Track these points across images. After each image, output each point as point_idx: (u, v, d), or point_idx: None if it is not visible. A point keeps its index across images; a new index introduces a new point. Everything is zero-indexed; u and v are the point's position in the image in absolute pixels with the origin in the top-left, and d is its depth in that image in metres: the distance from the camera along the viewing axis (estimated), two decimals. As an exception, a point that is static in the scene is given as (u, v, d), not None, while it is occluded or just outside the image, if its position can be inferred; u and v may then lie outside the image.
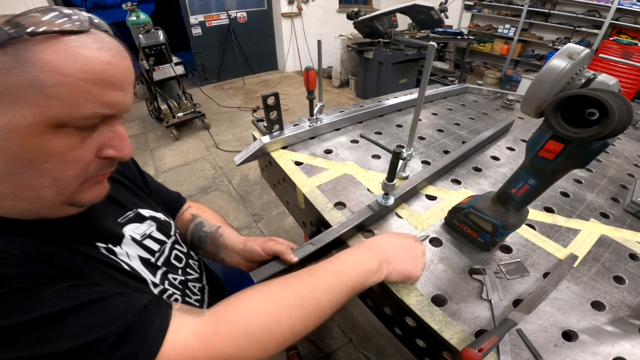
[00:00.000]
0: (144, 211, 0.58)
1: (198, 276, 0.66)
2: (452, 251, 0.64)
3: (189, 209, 0.78)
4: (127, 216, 0.54)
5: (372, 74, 3.93)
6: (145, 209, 0.59)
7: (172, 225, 0.64)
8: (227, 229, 0.71)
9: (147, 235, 0.55)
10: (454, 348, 0.48)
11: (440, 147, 1.01)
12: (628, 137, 1.21)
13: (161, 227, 0.60)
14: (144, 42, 2.81)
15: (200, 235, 0.71)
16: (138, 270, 0.50)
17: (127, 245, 0.51)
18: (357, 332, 1.51)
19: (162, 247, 0.58)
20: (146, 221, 0.57)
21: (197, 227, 0.72)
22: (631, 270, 0.61)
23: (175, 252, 0.61)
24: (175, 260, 0.60)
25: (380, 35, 3.35)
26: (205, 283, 0.67)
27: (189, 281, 0.61)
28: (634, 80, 3.70)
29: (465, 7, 5.32)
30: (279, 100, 0.89)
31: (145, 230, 0.55)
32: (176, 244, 0.62)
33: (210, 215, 0.77)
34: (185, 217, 0.76)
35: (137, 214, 0.56)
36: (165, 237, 0.60)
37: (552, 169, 0.48)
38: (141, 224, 0.56)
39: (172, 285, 0.55)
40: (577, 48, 0.42)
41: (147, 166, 2.97)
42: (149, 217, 0.58)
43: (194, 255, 0.69)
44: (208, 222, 0.73)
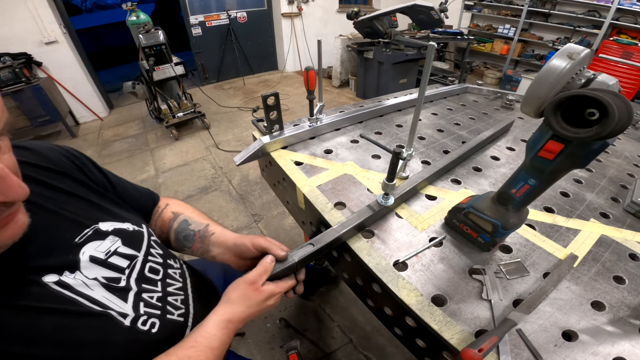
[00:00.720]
0: (106, 225, 0.51)
1: (181, 285, 0.62)
2: (452, 251, 0.64)
3: (167, 206, 0.73)
4: (85, 234, 0.48)
5: (372, 74, 3.93)
6: (107, 221, 0.52)
7: (143, 234, 0.58)
8: (217, 227, 0.69)
9: (112, 253, 0.50)
10: (454, 348, 0.48)
11: (440, 147, 1.01)
12: (628, 137, 1.21)
13: (129, 240, 0.54)
14: (144, 42, 2.81)
15: (187, 234, 0.67)
16: (101, 300, 0.45)
17: (87, 268, 0.45)
18: (357, 332, 1.51)
19: (132, 263, 0.52)
20: (109, 237, 0.51)
21: (181, 225, 0.68)
22: (631, 270, 0.61)
23: (149, 265, 0.56)
24: (151, 274, 0.55)
25: (380, 35, 3.35)
26: (190, 292, 0.63)
27: (170, 295, 0.57)
28: (634, 80, 3.70)
29: (465, 7, 5.32)
30: (279, 100, 0.89)
31: (109, 248, 0.50)
32: (149, 255, 0.57)
33: (192, 212, 0.73)
34: (165, 216, 0.71)
35: (96, 231, 0.50)
36: (135, 250, 0.54)
37: (552, 169, 0.48)
38: (103, 241, 0.50)
39: (149, 305, 0.51)
40: (577, 48, 0.42)
41: (147, 166, 2.97)
42: (112, 231, 0.52)
43: (173, 263, 0.64)
44: (194, 220, 0.69)
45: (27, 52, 3.28)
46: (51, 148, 0.53)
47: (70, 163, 0.54)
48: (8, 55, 3.09)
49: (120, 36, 5.95)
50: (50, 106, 3.27)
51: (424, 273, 0.59)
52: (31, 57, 3.32)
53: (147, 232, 0.59)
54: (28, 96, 3.12)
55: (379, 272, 0.59)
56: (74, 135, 3.64)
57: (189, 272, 0.68)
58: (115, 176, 0.65)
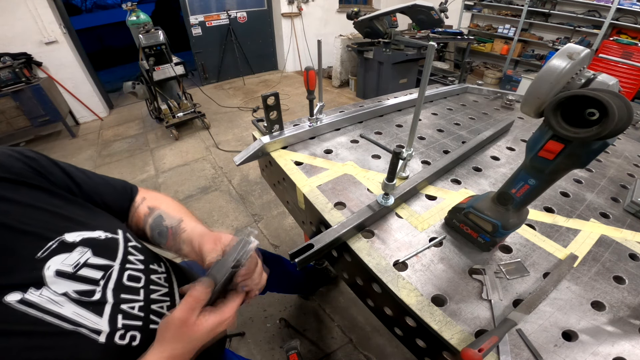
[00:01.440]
0: (72, 236, 0.47)
1: (167, 290, 0.58)
2: (452, 251, 0.64)
3: (144, 201, 0.67)
4: (48, 248, 0.43)
5: (372, 74, 3.93)
6: (74, 231, 0.47)
7: (118, 242, 0.53)
8: (190, 223, 0.62)
9: (81, 265, 0.45)
10: (454, 348, 0.48)
11: (440, 147, 1.01)
12: (628, 137, 1.21)
13: (101, 249, 0.49)
14: (144, 42, 2.81)
15: (161, 230, 0.62)
16: (71, 317, 0.42)
17: (54, 283, 0.42)
18: (357, 332, 1.51)
19: (107, 273, 0.48)
20: (76, 248, 0.46)
21: (156, 221, 0.63)
22: (631, 270, 0.61)
23: (128, 273, 0.52)
24: (131, 282, 0.51)
25: (380, 35, 3.35)
26: (177, 296, 0.60)
27: (154, 302, 0.53)
28: (634, 80, 3.70)
29: (465, 7, 5.32)
30: (279, 100, 0.89)
31: (77, 260, 0.45)
32: (127, 263, 0.52)
33: (169, 205, 0.67)
34: (141, 212, 0.65)
35: (61, 243, 0.45)
36: (109, 259, 0.50)
37: (552, 169, 0.48)
38: (70, 253, 0.45)
39: (129, 317, 0.48)
40: (577, 48, 0.42)
41: (147, 166, 2.97)
42: (80, 241, 0.47)
43: (157, 267, 0.60)
44: (168, 215, 0.64)
45: (27, 52, 3.28)
46: (2, 153, 0.48)
47: (27, 167, 0.48)
48: (8, 55, 3.09)
49: (120, 36, 5.95)
50: (50, 106, 3.27)
51: (424, 273, 0.59)
52: (31, 57, 3.32)
53: (123, 237, 0.54)
54: (28, 96, 3.12)
55: (379, 272, 0.59)
56: (74, 135, 3.64)
57: (177, 274, 0.65)
58: (82, 174, 0.58)
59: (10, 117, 3.13)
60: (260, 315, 1.59)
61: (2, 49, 3.13)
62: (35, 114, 3.23)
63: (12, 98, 3.05)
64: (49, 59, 3.46)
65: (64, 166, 0.55)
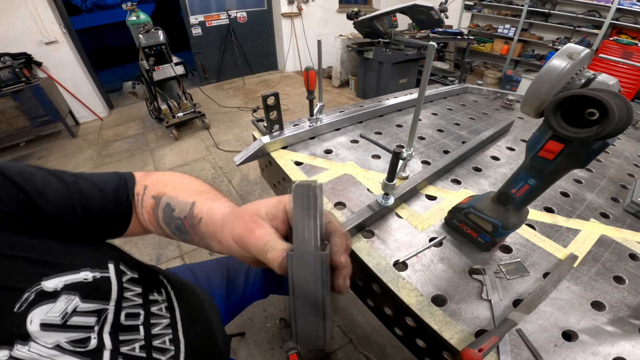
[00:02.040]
0: (52, 282, 0.38)
1: (168, 321, 0.52)
2: (452, 251, 0.64)
3: (146, 190, 0.51)
4: (24, 300, 0.35)
5: (372, 74, 3.93)
6: (53, 276, 0.38)
7: (110, 281, 0.44)
8: (204, 205, 0.45)
9: (70, 314, 0.38)
10: (454, 348, 0.48)
11: (440, 147, 1.01)
12: (628, 137, 1.21)
13: (90, 293, 0.41)
14: (144, 42, 2.81)
15: (177, 225, 0.47)
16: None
17: (43, 336, 0.36)
18: (357, 332, 1.51)
19: (102, 317, 0.41)
20: (60, 296, 0.38)
21: (166, 213, 0.48)
22: (631, 270, 0.61)
23: (126, 312, 0.45)
24: (129, 320, 0.45)
25: (380, 35, 3.34)
26: (180, 325, 0.53)
27: (156, 337, 0.48)
28: (634, 80, 3.70)
29: (465, 7, 5.32)
30: (279, 100, 0.89)
31: (64, 309, 0.38)
32: (124, 301, 0.45)
33: (176, 186, 0.50)
34: (147, 206, 0.50)
35: (40, 293, 0.37)
36: (101, 302, 0.42)
37: (552, 169, 0.48)
38: (55, 303, 0.37)
39: (131, 359, 0.43)
40: (577, 48, 0.42)
41: (147, 166, 2.97)
42: (62, 288, 0.38)
43: (158, 296, 0.52)
44: (177, 201, 0.47)
45: (27, 52, 3.28)
46: None
47: None
48: (8, 55, 3.09)
49: (120, 36, 5.95)
50: (50, 106, 3.27)
51: (424, 273, 0.59)
52: (31, 57, 3.32)
53: (115, 273, 0.45)
54: (28, 96, 3.12)
55: (379, 272, 0.59)
56: (74, 135, 3.64)
57: (178, 298, 0.58)
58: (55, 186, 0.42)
59: (10, 117, 3.13)
60: (260, 315, 1.59)
61: (2, 49, 3.13)
62: (35, 114, 3.22)
63: (12, 98, 3.05)
64: (49, 59, 3.46)
65: (20, 181, 0.39)
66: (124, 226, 0.51)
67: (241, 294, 0.91)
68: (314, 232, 0.31)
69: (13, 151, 3.45)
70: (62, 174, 0.45)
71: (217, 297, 0.85)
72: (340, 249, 0.35)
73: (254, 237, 0.36)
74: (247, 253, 0.37)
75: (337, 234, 0.36)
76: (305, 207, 0.31)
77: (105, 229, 0.49)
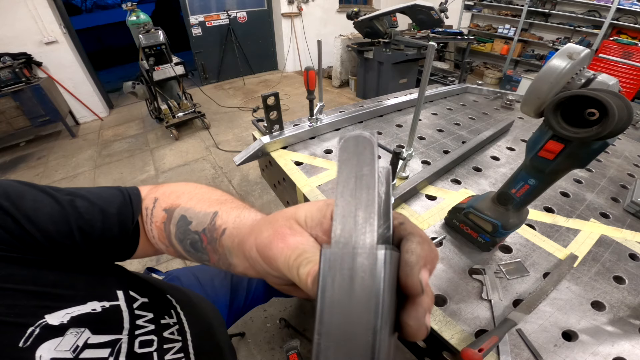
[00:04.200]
0: (57, 316, 0.35)
1: (181, 345, 0.50)
2: (452, 251, 0.64)
3: (157, 203, 0.45)
4: (30, 336, 0.32)
5: (372, 74, 3.93)
6: (57, 310, 0.35)
7: (121, 310, 0.41)
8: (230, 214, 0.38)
9: (81, 348, 0.35)
10: (454, 348, 0.48)
11: (440, 147, 1.01)
12: (628, 137, 1.21)
13: (100, 325, 0.38)
14: (144, 42, 2.81)
15: (192, 240, 0.40)
16: None
17: None
18: (357, 332, 1.51)
19: (115, 347, 0.38)
20: (68, 330, 0.35)
21: (180, 227, 0.41)
22: (631, 270, 0.61)
23: (140, 340, 0.42)
24: (143, 348, 0.42)
25: (380, 35, 3.35)
26: (191, 347, 0.52)
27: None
28: (634, 80, 3.70)
29: (465, 7, 5.32)
30: (279, 100, 0.89)
31: (74, 343, 0.35)
32: (136, 329, 0.42)
33: (193, 196, 0.43)
34: (157, 219, 0.43)
35: (45, 328, 0.33)
36: (114, 333, 0.39)
37: (552, 169, 0.48)
38: (63, 337, 0.34)
39: None
40: (577, 48, 0.42)
41: (147, 166, 2.97)
42: (69, 322, 0.35)
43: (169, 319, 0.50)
44: (194, 212, 0.40)
45: (27, 52, 3.28)
46: None
47: None
48: (8, 55, 3.09)
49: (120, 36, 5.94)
50: (50, 106, 3.27)
51: (424, 273, 0.59)
52: (31, 57, 3.32)
53: (125, 300, 0.42)
54: (28, 96, 3.12)
55: (379, 272, 0.58)
56: (74, 135, 3.64)
57: (187, 317, 0.56)
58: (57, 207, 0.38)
59: (10, 117, 3.13)
60: (260, 315, 1.59)
61: (2, 49, 3.13)
62: (35, 114, 3.22)
63: (12, 98, 3.05)
64: (49, 59, 3.46)
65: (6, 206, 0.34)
66: (131, 249, 0.46)
67: (243, 299, 0.91)
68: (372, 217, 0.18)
69: (13, 151, 3.45)
70: (56, 191, 0.39)
71: (222, 304, 0.84)
72: (418, 263, 0.19)
73: (284, 245, 0.25)
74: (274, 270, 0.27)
75: (415, 238, 0.21)
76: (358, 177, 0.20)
77: (109, 253, 0.43)
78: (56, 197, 0.39)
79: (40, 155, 3.33)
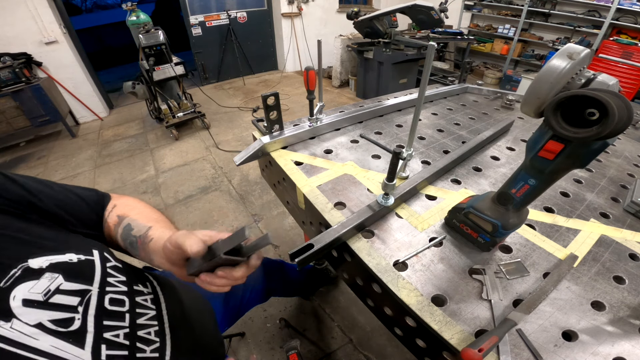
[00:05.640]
0: (38, 261, 0.41)
1: (155, 313, 0.53)
2: (452, 251, 0.64)
3: (114, 208, 0.61)
4: (11, 276, 0.38)
5: (372, 74, 3.93)
6: (39, 256, 0.42)
7: (94, 264, 0.47)
8: (158, 230, 0.55)
9: (52, 292, 0.40)
10: (454, 348, 0.48)
11: (440, 147, 1.01)
12: (628, 137, 1.21)
13: (74, 273, 0.44)
14: (144, 42, 2.81)
15: (131, 241, 0.55)
16: (49, 351, 0.37)
17: (25, 314, 0.37)
18: (357, 332, 1.51)
19: (84, 298, 0.43)
20: (44, 274, 0.41)
21: (125, 231, 0.56)
22: (631, 270, 0.61)
23: (110, 297, 0.46)
24: (114, 306, 0.46)
25: (380, 35, 3.35)
26: (166, 319, 0.55)
27: (141, 328, 0.49)
28: (634, 80, 3.70)
29: (465, 7, 5.32)
30: (279, 100, 0.89)
31: (47, 286, 0.40)
32: (107, 285, 0.47)
33: (140, 212, 0.60)
34: (111, 221, 0.59)
35: (26, 269, 0.40)
36: (85, 284, 0.44)
37: (552, 169, 0.48)
38: (38, 280, 0.40)
39: (114, 346, 0.44)
40: (577, 48, 0.42)
41: (147, 166, 2.97)
42: (47, 267, 0.41)
43: (143, 288, 0.55)
44: (137, 223, 0.57)
45: (27, 52, 3.28)
46: None
47: None
48: (8, 55, 3.09)
49: (120, 36, 5.95)
50: (50, 106, 3.27)
51: (424, 273, 0.59)
52: (31, 57, 3.32)
53: (99, 258, 0.49)
54: (28, 96, 3.12)
55: (379, 272, 0.59)
56: (73, 135, 3.64)
57: (165, 294, 0.60)
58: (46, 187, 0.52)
59: (10, 117, 3.13)
60: (260, 315, 1.59)
61: (2, 49, 3.13)
62: (35, 114, 3.23)
63: (12, 98, 3.05)
64: (49, 59, 3.46)
65: (22, 181, 0.49)
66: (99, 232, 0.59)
67: (240, 298, 0.92)
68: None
69: (13, 151, 3.45)
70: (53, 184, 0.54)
71: (216, 301, 0.85)
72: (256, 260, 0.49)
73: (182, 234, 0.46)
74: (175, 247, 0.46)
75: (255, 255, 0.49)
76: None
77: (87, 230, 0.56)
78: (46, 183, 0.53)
79: (40, 155, 3.33)
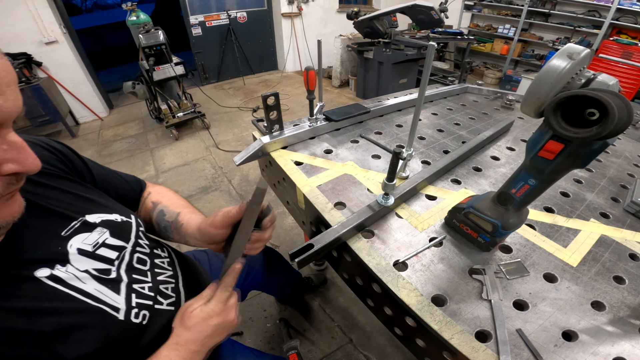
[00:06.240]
0: (93, 217, 0.51)
1: (171, 273, 0.61)
2: (452, 251, 0.64)
3: (150, 195, 0.72)
4: (71, 227, 0.47)
5: (372, 74, 3.93)
6: (94, 213, 0.51)
7: (132, 225, 0.57)
8: (186, 215, 0.65)
9: (100, 244, 0.49)
10: (454, 348, 0.48)
11: (440, 147, 1.01)
12: (628, 137, 1.21)
13: (117, 231, 0.53)
14: (144, 42, 2.81)
15: (165, 225, 0.66)
16: (94, 293, 0.44)
17: (77, 261, 0.45)
18: (357, 332, 1.51)
19: (121, 254, 0.52)
20: (96, 228, 0.50)
21: (159, 216, 0.67)
22: (631, 270, 0.61)
23: (137, 256, 0.55)
24: (139, 264, 0.55)
25: (380, 35, 3.35)
26: (181, 279, 0.63)
27: (161, 283, 0.57)
28: (634, 80, 3.70)
29: (465, 7, 5.32)
30: (279, 100, 0.89)
31: (97, 239, 0.49)
32: (137, 246, 0.56)
33: (169, 200, 0.71)
34: (147, 206, 0.70)
35: (84, 223, 0.49)
36: (123, 241, 0.53)
37: (552, 169, 0.48)
38: (91, 233, 0.49)
39: (141, 296, 0.51)
40: (577, 48, 0.42)
41: (147, 166, 2.97)
42: (99, 222, 0.51)
43: (161, 252, 0.63)
44: (169, 210, 0.67)
45: (27, 52, 3.28)
46: (31, 143, 0.50)
47: (52, 156, 0.53)
48: (8, 55, 3.08)
49: (120, 36, 5.95)
50: (50, 106, 3.26)
51: (424, 273, 0.59)
52: (31, 57, 3.31)
53: (135, 222, 0.59)
54: (28, 96, 3.12)
55: (379, 272, 0.59)
56: (74, 135, 3.64)
57: (179, 260, 0.68)
58: (99, 167, 0.65)
59: (12, 116, 3.13)
60: (260, 315, 1.59)
61: (2, 49, 3.12)
62: (35, 114, 3.22)
63: (12, 98, 3.05)
64: (49, 59, 3.45)
65: (85, 159, 0.61)
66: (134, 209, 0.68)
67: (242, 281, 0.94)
68: None
69: (13, 151, 3.45)
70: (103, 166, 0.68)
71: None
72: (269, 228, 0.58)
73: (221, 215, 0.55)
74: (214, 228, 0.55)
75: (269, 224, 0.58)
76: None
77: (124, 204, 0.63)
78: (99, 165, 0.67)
79: (40, 155, 3.33)
